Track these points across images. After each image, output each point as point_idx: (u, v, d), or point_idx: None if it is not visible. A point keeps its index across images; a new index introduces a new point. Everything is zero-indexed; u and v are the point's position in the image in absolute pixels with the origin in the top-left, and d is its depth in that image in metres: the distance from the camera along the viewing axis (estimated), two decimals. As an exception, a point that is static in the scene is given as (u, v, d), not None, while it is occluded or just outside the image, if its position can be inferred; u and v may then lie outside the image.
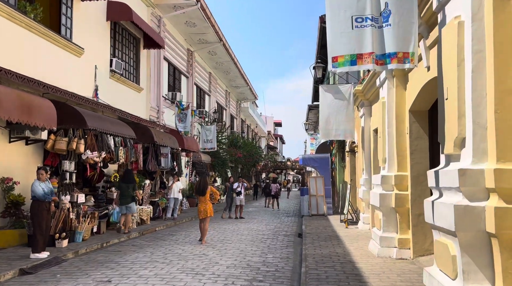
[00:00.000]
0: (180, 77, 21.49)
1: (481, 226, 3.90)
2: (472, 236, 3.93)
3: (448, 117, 4.40)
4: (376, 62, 4.95)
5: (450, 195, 4.24)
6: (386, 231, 7.87)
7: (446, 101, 4.46)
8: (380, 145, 8.37)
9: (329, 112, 12.59)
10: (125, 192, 11.05)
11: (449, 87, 4.40)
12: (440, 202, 4.36)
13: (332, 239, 10.10)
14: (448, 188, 4.27)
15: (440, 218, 4.29)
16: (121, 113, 13.40)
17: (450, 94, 4.37)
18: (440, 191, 4.52)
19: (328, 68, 5.08)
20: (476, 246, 3.94)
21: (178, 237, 10.84)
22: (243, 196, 16.27)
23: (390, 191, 7.83)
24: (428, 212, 4.72)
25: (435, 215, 4.43)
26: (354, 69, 5.09)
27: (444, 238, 4.37)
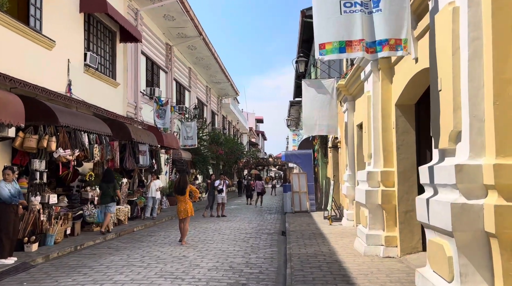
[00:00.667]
0: (158, 72, 20.92)
1: (479, 225, 3.65)
2: (470, 236, 3.69)
3: (443, 109, 4.14)
4: (366, 50, 4.65)
5: (446, 192, 3.98)
6: (372, 229, 7.64)
7: (440, 93, 4.19)
8: (366, 140, 8.13)
9: (312, 107, 12.34)
10: (105, 191, 10.95)
11: (443, 78, 4.14)
12: (435, 200, 4.10)
13: (317, 237, 9.85)
14: (443, 185, 4.02)
15: (435, 217, 4.04)
16: (96, 109, 12.84)
17: (444, 85, 4.11)
18: (435, 188, 4.27)
19: (315, 56, 4.76)
20: (474, 247, 3.70)
21: (157, 238, 10.41)
22: (225, 194, 15.91)
23: (376, 188, 7.59)
24: (421, 210, 4.46)
25: (430, 213, 4.17)
26: (343, 56, 4.79)
27: (439, 238, 4.12)
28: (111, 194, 11.00)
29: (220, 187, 15.78)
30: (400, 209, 7.20)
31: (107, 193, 10.94)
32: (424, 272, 4.42)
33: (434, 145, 4.39)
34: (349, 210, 12.02)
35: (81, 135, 10.72)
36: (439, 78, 4.21)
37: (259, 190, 21.70)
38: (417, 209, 4.63)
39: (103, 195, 10.93)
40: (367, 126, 8.01)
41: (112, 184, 11.14)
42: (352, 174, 11.70)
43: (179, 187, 9.77)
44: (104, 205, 10.90)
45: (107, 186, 11.05)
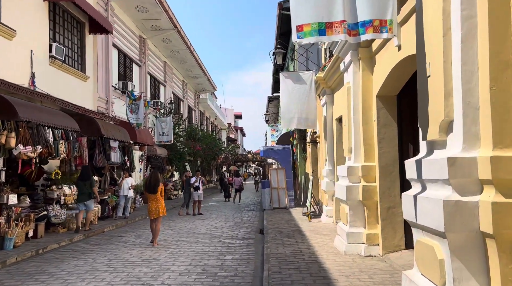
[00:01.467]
0: (131, 65, 20.15)
1: (474, 224, 3.29)
2: (464, 237, 3.33)
3: (432, 97, 3.77)
4: (348, 33, 4.24)
5: (437, 188, 3.61)
6: (353, 226, 7.29)
7: (429, 79, 3.82)
8: (346, 133, 7.77)
9: (290, 100, 11.95)
10: (82, 189, 10.94)
11: (432, 62, 3.76)
12: (424, 196, 3.73)
13: (296, 235, 9.47)
14: (433, 180, 3.65)
15: (425, 215, 3.67)
16: (62, 103, 12.11)
17: (433, 71, 3.73)
18: (423, 183, 3.91)
19: (292, 40, 4.33)
20: (469, 249, 3.34)
21: (127, 239, 9.83)
22: (201, 191, 15.37)
23: (357, 183, 7.24)
24: (408, 208, 4.10)
25: (418, 211, 3.80)
26: (323, 39, 4.36)
27: (428, 239, 3.75)
28: (88, 191, 10.94)
29: (196, 184, 15.25)
30: (382, 205, 6.87)
31: (83, 190, 10.89)
32: (412, 275, 4.06)
33: (422, 136, 4.02)
34: (328, 206, 11.70)
35: (44, 131, 10.01)
36: (428, 63, 3.84)
37: (237, 186, 21.23)
38: (404, 206, 4.27)
39: (80, 193, 10.88)
40: (347, 119, 7.65)
41: (88, 182, 11.05)
42: (332, 169, 11.38)
43: (150, 184, 9.24)
44: (82, 203, 10.81)
45: (84, 183, 10.98)
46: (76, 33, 14.66)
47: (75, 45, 14.52)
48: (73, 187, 11.65)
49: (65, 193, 11.02)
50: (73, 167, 12.06)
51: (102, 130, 13.34)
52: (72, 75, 13.89)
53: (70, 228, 10.73)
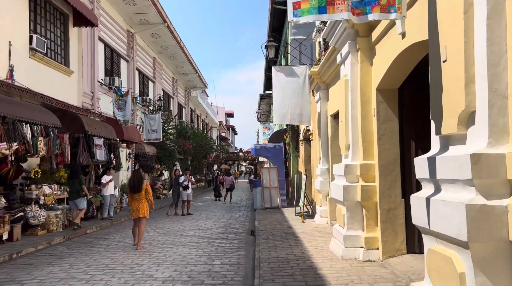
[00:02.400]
0: (119, 61, 19.49)
1: (502, 233, 2.81)
2: (491, 248, 2.85)
3: (449, 85, 3.29)
4: (352, 11, 3.74)
5: (455, 190, 3.13)
6: (350, 229, 6.81)
7: (444, 65, 3.34)
8: (342, 129, 7.29)
9: (283, 95, 11.44)
10: (71, 187, 11.04)
11: (449, 44, 3.28)
12: (439, 199, 3.25)
13: (289, 237, 8.98)
14: (451, 181, 3.17)
15: (440, 221, 3.19)
16: (43, 98, 11.48)
17: (450, 55, 3.25)
18: (437, 184, 3.43)
19: (288, 18, 3.82)
20: (496, 261, 2.86)
21: (110, 242, 9.26)
22: (190, 190, 14.80)
23: (355, 183, 6.77)
24: (418, 212, 3.61)
25: (432, 216, 3.32)
26: (323, 18, 3.85)
27: (444, 248, 3.27)
28: (77, 189, 11.00)
29: (185, 183, 14.68)
30: (381, 207, 6.39)
31: (73, 189, 10.99)
32: (423, 288, 3.58)
33: (436, 130, 3.53)
34: (322, 206, 11.23)
35: (21, 126, 9.39)
36: (442, 46, 3.35)
37: (228, 185, 20.69)
38: (413, 210, 3.78)
39: (70, 191, 11.02)
40: (344, 114, 7.16)
41: (77, 180, 11.12)
42: (326, 168, 10.91)
43: (134, 183, 8.72)
44: (73, 201, 10.94)
45: (73, 182, 11.08)
46: (59, 25, 14.00)
47: (58, 37, 13.87)
48: (54, 186, 11.05)
49: (45, 192, 10.41)
50: (54, 165, 11.42)
51: (86, 126, 12.73)
52: (54, 69, 13.24)
53: (49, 229, 10.12)
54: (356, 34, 6.75)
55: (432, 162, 3.46)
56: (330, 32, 7.52)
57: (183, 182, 14.74)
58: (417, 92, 6.39)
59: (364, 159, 6.68)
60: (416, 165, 3.83)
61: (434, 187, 3.50)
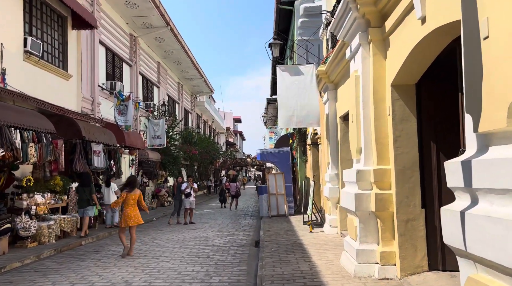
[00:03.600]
0: (121, 65, 19.01)
1: None
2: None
3: (492, 69, 2.58)
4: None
5: (504, 202, 2.42)
6: (364, 242, 6.08)
7: (485, 42, 2.63)
8: (354, 131, 6.58)
9: (288, 96, 10.76)
10: (82, 195, 11.15)
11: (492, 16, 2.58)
12: (484, 215, 2.54)
13: (295, 249, 8.25)
14: (500, 191, 2.46)
15: (485, 243, 2.48)
16: (37, 102, 10.97)
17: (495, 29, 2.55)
18: (474, 194, 2.72)
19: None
20: None
21: (103, 255, 8.61)
22: (193, 198, 14.14)
23: (368, 190, 6.04)
24: (451, 229, 2.90)
25: (471, 236, 2.61)
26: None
27: (491, 279, 2.55)
28: (87, 197, 11.10)
29: (187, 190, 14.03)
30: (399, 218, 5.66)
31: (83, 197, 11.08)
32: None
33: (474, 127, 2.82)
34: (331, 214, 10.48)
35: (9, 132, 8.82)
36: (483, 19, 2.65)
37: (234, 192, 20.00)
38: (445, 226, 3.07)
39: (80, 199, 11.10)
40: (356, 114, 6.46)
41: (88, 188, 11.24)
42: (335, 174, 10.19)
43: (130, 181, 8.71)
44: (82, 209, 11.02)
45: (83, 189, 11.19)
46: (57, 27, 13.53)
47: (55, 40, 13.39)
48: (48, 195, 10.47)
49: (37, 202, 9.83)
50: (48, 172, 10.85)
51: (83, 132, 12.18)
52: (51, 73, 12.75)
53: (41, 241, 9.52)
54: (367, 25, 6.07)
55: (467, 167, 2.75)
56: (338, 24, 6.85)
57: (185, 189, 14.10)
58: (438, 88, 5.68)
59: (379, 164, 5.96)
60: (447, 171, 3.12)
61: (471, 198, 2.79)
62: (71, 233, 10.78)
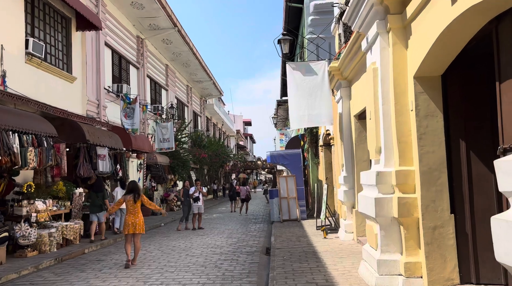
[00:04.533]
0: (128, 67, 18.66)
1: None
2: None
3: None
4: None
5: None
6: (385, 252, 5.50)
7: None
8: (372, 129, 6.00)
9: (299, 95, 10.19)
10: (94, 201, 11.18)
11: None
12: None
13: (309, 258, 7.68)
14: None
15: None
16: (38, 105, 10.59)
17: None
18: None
19: None
20: None
21: (105, 264, 8.14)
22: (201, 203, 13.64)
23: (390, 194, 5.46)
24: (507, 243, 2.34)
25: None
26: None
27: None
28: (100, 202, 11.15)
29: (196, 195, 13.54)
30: (425, 224, 5.07)
31: (96, 202, 11.12)
32: None
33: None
34: (347, 219, 9.89)
35: (6, 135, 8.42)
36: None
37: (244, 196, 19.47)
38: (498, 240, 2.50)
39: (92, 204, 11.15)
40: (374, 111, 5.88)
41: (101, 193, 11.32)
42: (350, 176, 9.61)
43: (132, 188, 8.14)
44: (95, 214, 11.03)
45: (96, 195, 11.24)
46: (61, 29, 13.18)
47: (59, 42, 13.05)
48: (49, 201, 10.06)
49: (38, 208, 9.41)
50: (49, 178, 10.44)
51: (87, 135, 11.78)
52: (55, 75, 12.40)
53: (42, 250, 9.09)
54: (385, 12, 5.51)
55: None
56: (353, 13, 6.29)
57: (194, 193, 13.61)
58: (467, 78, 5.10)
59: (401, 164, 5.38)
60: (498, 171, 2.56)
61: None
62: (74, 240, 10.34)
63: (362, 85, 7.73)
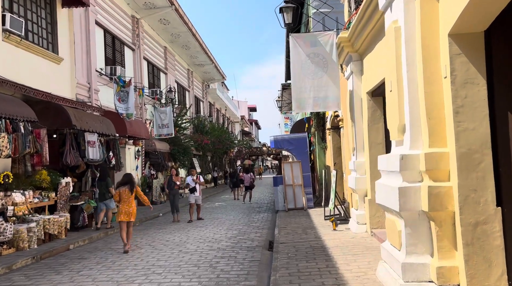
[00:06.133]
0: (122, 49, 17.58)
1: None
2: None
3: None
4: None
5: None
6: (412, 253, 4.47)
7: None
8: (393, 104, 4.93)
9: (303, 73, 9.12)
10: (100, 189, 11.28)
11: None
12: None
13: (317, 255, 6.69)
14: None
15: None
16: (16, 87, 9.60)
17: None
18: None
19: None
20: None
21: (87, 264, 7.20)
22: (198, 193, 12.59)
23: (417, 183, 4.42)
24: None
25: None
26: None
27: None
28: (103, 191, 11.18)
29: (191, 185, 12.49)
30: (464, 220, 4.04)
31: (102, 190, 11.22)
32: None
33: None
34: (359, 209, 8.87)
35: (-27, 120, 7.45)
36: None
37: (248, 183, 18.48)
38: None
39: (100, 193, 11.25)
40: (396, 80, 4.80)
41: (104, 182, 11.30)
42: (362, 161, 8.57)
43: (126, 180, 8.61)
44: (103, 203, 11.12)
45: (101, 184, 11.32)
46: (44, 5, 12.10)
47: (42, 19, 11.98)
48: (29, 193, 9.14)
49: (15, 201, 8.49)
50: (29, 167, 9.49)
51: (73, 120, 10.80)
52: (38, 55, 11.38)
53: (20, 247, 8.18)
54: (411, -45, 4.39)
55: None
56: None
57: (188, 183, 12.61)
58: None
59: (432, 146, 4.32)
60: None
61: None
62: (59, 235, 9.44)
63: (377, 55, 6.63)
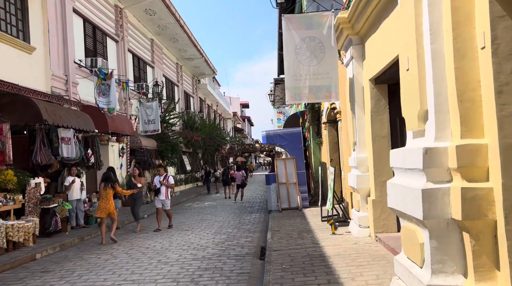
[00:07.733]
0: (105, 40, 16.49)
1: None
2: None
3: None
4: None
5: None
6: (439, 272, 3.55)
7: None
8: (411, 85, 3.99)
9: (298, 60, 8.17)
10: None
11: None
12: None
13: (316, 266, 5.77)
14: None
15: None
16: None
17: None
18: None
19: None
20: None
21: (49, 278, 6.20)
22: (164, 196, 10.52)
23: (445, 184, 3.50)
24: None
25: None
26: None
27: None
28: None
29: (157, 186, 10.64)
30: (509, 231, 3.12)
31: None
32: None
33: None
34: (361, 211, 7.94)
35: None
36: None
37: (239, 181, 17.53)
38: None
39: None
40: (416, 55, 3.86)
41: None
42: (364, 157, 7.66)
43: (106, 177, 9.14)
44: None
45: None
46: (13, -11, 11.02)
47: (11, 5, 10.91)
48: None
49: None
50: (-10, 166, 8.46)
51: (44, 115, 9.77)
52: (6, 43, 10.34)
53: (-24, 258, 7.17)
54: None
55: None
56: None
57: (154, 184, 10.92)
58: None
59: (465, 136, 3.39)
60: None
61: None
62: (26, 242, 8.42)
63: (384, 34, 5.70)
